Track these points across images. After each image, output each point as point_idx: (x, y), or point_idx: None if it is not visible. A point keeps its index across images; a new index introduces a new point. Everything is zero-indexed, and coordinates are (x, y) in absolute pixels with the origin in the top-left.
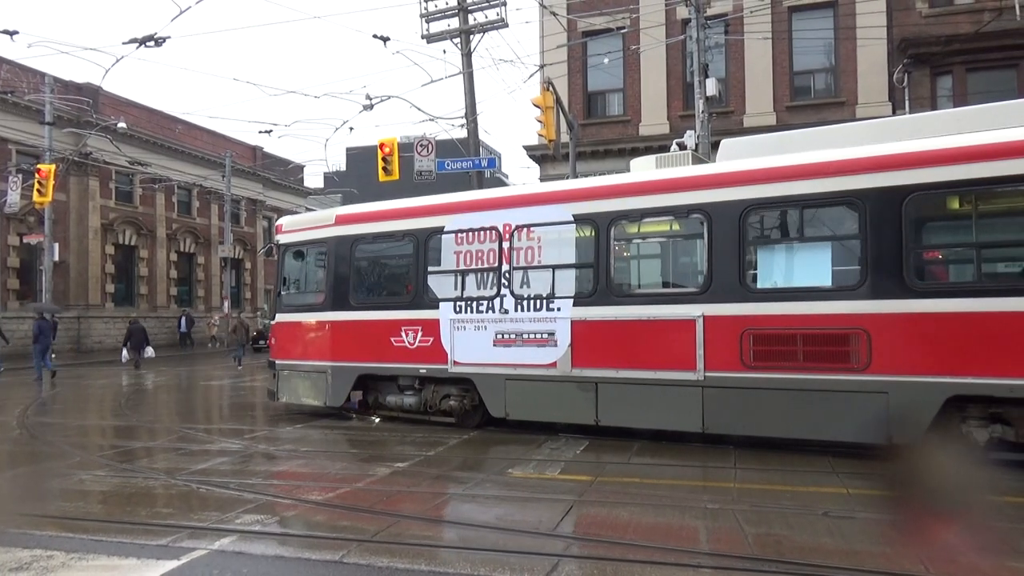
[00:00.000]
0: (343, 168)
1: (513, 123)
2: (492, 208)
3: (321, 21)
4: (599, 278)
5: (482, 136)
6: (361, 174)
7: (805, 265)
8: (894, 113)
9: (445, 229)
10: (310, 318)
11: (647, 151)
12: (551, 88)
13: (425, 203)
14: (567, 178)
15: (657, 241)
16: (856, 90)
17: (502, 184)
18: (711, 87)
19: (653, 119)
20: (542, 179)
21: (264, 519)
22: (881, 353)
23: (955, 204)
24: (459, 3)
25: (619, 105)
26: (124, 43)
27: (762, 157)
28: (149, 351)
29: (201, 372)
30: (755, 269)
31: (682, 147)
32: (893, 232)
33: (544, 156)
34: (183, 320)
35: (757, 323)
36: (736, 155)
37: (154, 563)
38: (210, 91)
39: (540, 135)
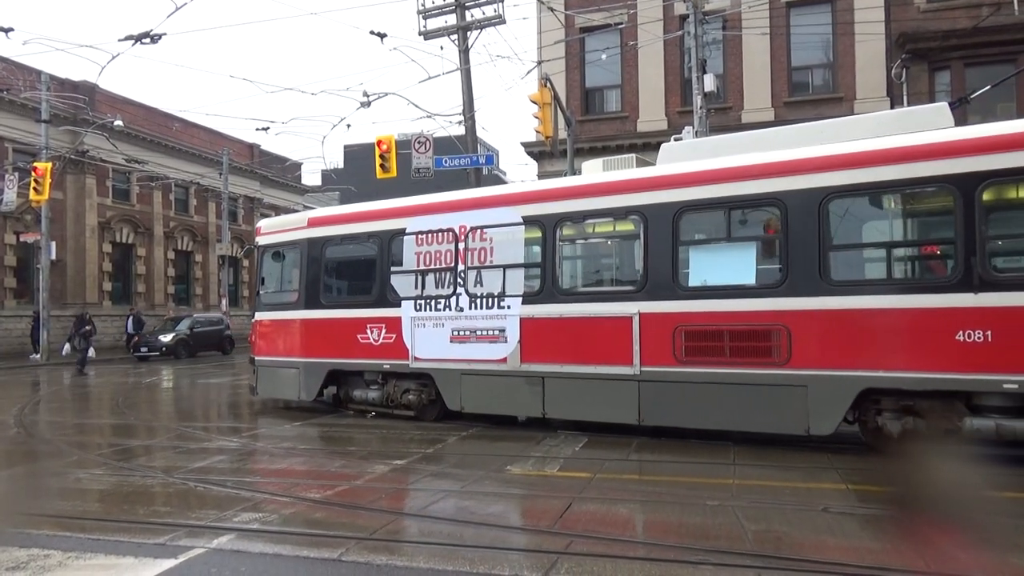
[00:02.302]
0: (341, 165)
1: (511, 120)
2: (449, 210)
3: (318, 17)
4: (545, 277)
5: (480, 133)
6: (359, 171)
7: (732, 264)
8: (892, 108)
9: (406, 231)
10: (285, 316)
11: (645, 148)
12: (549, 84)
13: (388, 206)
14: (566, 175)
15: (599, 241)
16: (854, 85)
17: (500, 181)
18: (709, 83)
19: (651, 115)
20: (540, 176)
21: (262, 517)
22: (800, 348)
23: (868, 205)
24: (456, 0)
25: (617, 101)
26: (120, 40)
27: (696, 160)
28: (91, 351)
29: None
30: (687, 268)
31: None
32: (811, 232)
33: (542, 153)
34: (130, 320)
35: (688, 320)
36: (674, 159)
37: (151, 562)
38: (206, 88)
39: (537, 132)
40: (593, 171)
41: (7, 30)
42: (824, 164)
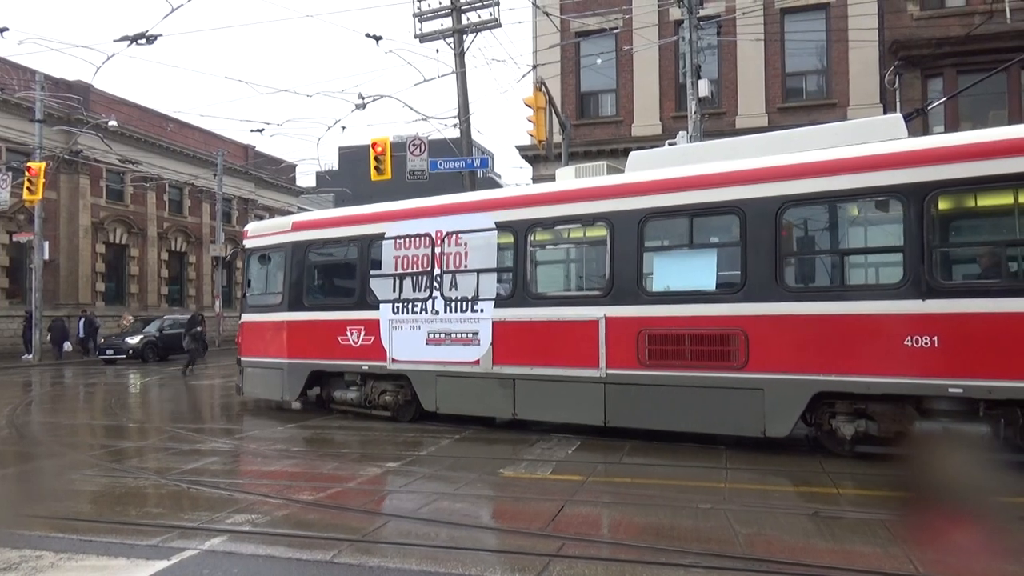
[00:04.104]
0: (336, 167)
1: (506, 123)
2: (426, 216)
3: (313, 20)
4: (517, 281)
5: (475, 136)
6: (354, 173)
7: (693, 270)
8: (885, 114)
9: (385, 235)
10: (270, 318)
11: None
12: (543, 88)
13: (368, 211)
14: None
15: (568, 247)
16: (848, 92)
17: (495, 184)
18: (703, 88)
19: (646, 120)
20: (535, 179)
21: (255, 519)
22: (757, 352)
23: (822, 213)
24: (452, 3)
25: (612, 106)
26: (115, 41)
27: (662, 168)
28: (67, 346)
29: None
30: (650, 273)
31: None
32: (768, 239)
33: (537, 156)
34: (82, 323)
35: (651, 324)
36: (643, 166)
37: (144, 563)
38: (201, 89)
39: (532, 135)
40: (566, 178)
41: (2, 30)
42: (780, 173)
